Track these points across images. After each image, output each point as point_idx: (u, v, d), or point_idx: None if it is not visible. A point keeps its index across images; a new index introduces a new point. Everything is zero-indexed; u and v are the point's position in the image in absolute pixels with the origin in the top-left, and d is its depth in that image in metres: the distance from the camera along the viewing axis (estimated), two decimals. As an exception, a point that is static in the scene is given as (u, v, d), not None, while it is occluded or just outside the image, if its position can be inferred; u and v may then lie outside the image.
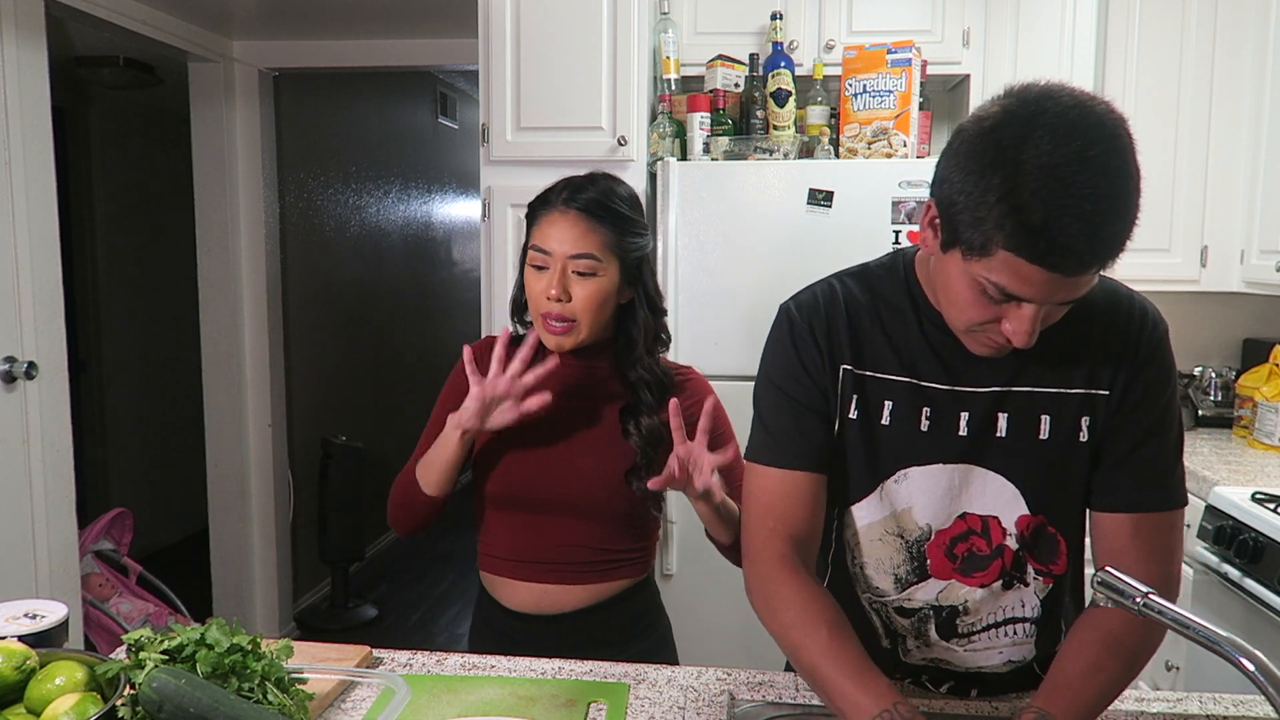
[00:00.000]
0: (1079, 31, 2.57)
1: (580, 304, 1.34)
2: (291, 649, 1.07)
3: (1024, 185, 0.81)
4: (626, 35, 2.44)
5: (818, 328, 1.07)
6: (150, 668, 0.96)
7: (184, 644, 1.00)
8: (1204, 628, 0.78)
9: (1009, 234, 0.83)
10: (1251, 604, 1.91)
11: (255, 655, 1.02)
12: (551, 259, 1.34)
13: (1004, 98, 0.88)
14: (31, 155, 2.47)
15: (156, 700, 0.92)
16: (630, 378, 1.41)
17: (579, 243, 1.33)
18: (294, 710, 1.01)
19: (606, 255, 1.35)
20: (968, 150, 0.86)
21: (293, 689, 1.03)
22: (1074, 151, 0.81)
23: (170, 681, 0.93)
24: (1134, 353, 1.02)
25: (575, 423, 1.41)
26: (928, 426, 1.05)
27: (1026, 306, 0.89)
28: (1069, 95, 0.85)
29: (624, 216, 1.37)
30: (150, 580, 3.07)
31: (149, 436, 4.81)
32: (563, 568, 1.40)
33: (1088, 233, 0.81)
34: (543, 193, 1.39)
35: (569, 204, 1.35)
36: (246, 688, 1.00)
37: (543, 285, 1.34)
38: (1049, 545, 1.08)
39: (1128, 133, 0.84)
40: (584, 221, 1.34)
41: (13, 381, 2.42)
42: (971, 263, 0.88)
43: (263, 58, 3.53)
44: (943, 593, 1.10)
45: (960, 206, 0.86)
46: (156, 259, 4.80)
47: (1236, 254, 2.63)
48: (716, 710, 1.12)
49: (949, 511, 1.07)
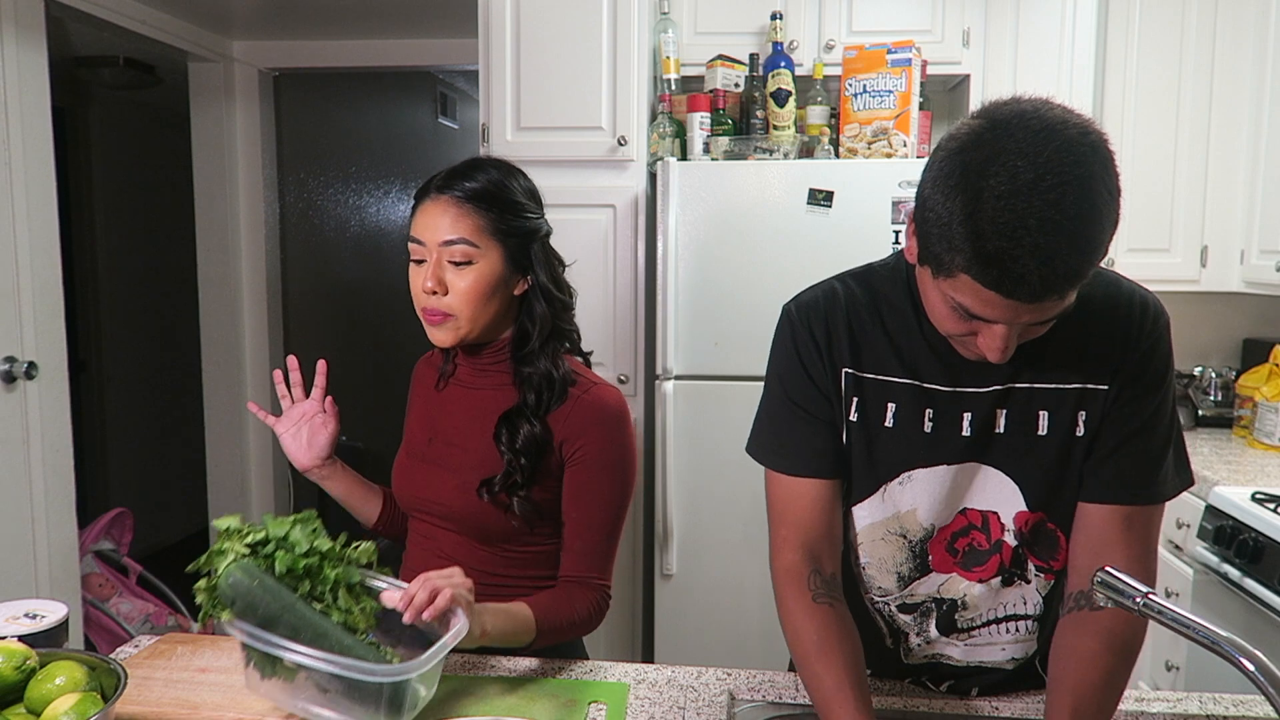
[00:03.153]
0: (1079, 31, 2.57)
1: (458, 296, 1.25)
2: (374, 552, 1.10)
3: (982, 213, 0.81)
4: (626, 35, 2.44)
5: (818, 331, 1.08)
6: (231, 559, 1.02)
7: (267, 539, 1.05)
8: (1204, 628, 0.78)
9: (967, 259, 0.83)
10: (1251, 604, 1.91)
11: (333, 561, 1.06)
12: (425, 249, 1.26)
13: (978, 116, 0.88)
14: (31, 155, 2.47)
15: (231, 595, 1.00)
16: (522, 374, 1.30)
17: (451, 228, 1.24)
18: (359, 618, 1.05)
19: (484, 240, 1.25)
20: (939, 169, 0.87)
21: (363, 599, 1.06)
22: (1030, 182, 0.80)
23: (244, 580, 0.99)
24: (1134, 346, 1.02)
25: (464, 425, 1.33)
26: (931, 428, 1.05)
27: (996, 325, 0.89)
28: (1038, 119, 0.83)
29: (501, 198, 1.27)
30: (150, 580, 3.07)
31: (149, 436, 4.80)
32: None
33: (1039, 265, 0.81)
34: (422, 186, 1.32)
35: (441, 190, 1.26)
36: (319, 591, 1.04)
37: (419, 278, 1.26)
38: (1049, 542, 1.08)
39: (1101, 156, 0.83)
40: (455, 206, 1.25)
41: (13, 381, 2.42)
42: (940, 280, 0.89)
43: (263, 58, 3.53)
44: (944, 586, 1.11)
45: (930, 224, 0.87)
46: (156, 259, 4.80)
47: (1236, 254, 2.63)
48: (716, 710, 1.12)
49: (951, 509, 1.08)
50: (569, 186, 2.50)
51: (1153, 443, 1.03)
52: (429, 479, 1.33)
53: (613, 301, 2.53)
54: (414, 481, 1.36)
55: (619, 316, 2.53)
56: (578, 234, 2.49)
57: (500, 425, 1.28)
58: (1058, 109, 0.85)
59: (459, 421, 1.34)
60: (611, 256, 2.52)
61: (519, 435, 1.26)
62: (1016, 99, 0.88)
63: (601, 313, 2.52)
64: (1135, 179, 2.65)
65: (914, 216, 0.92)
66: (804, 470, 1.08)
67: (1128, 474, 1.02)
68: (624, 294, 2.52)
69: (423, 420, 1.39)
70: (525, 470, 1.25)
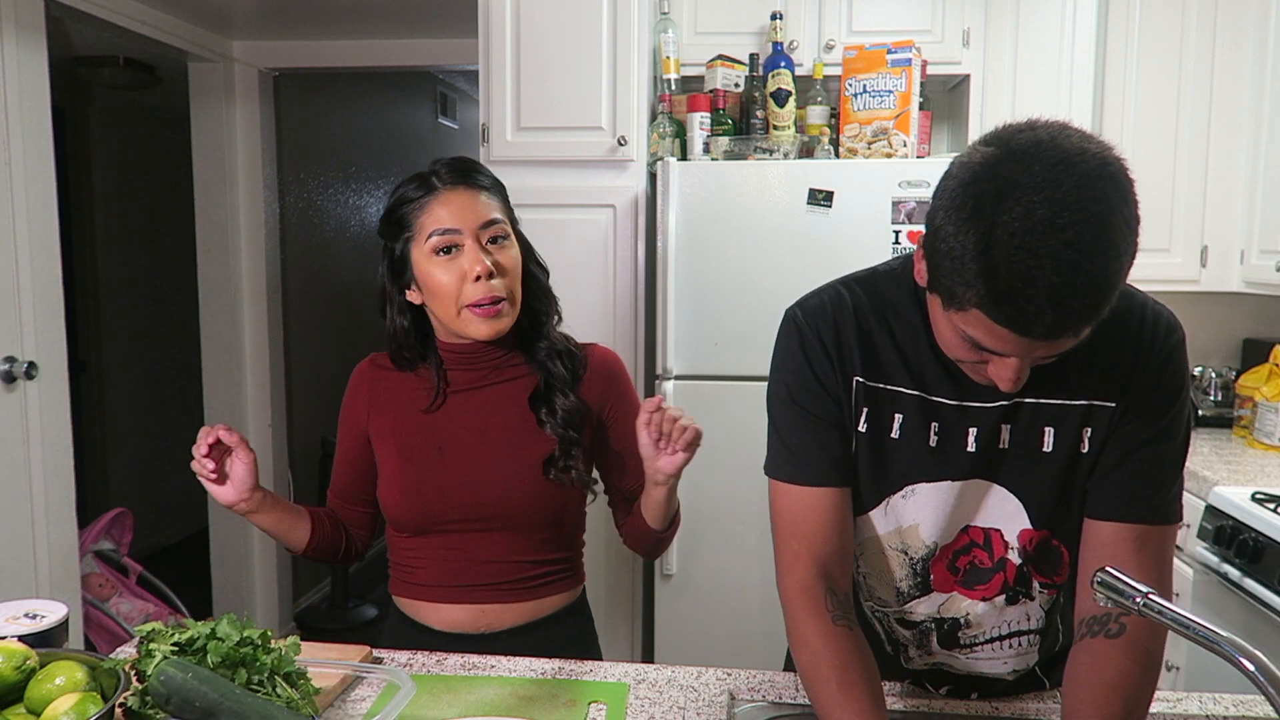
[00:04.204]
0: (1079, 31, 2.57)
1: (510, 275, 1.24)
2: (299, 646, 1.07)
3: (995, 250, 0.78)
4: (626, 35, 2.44)
5: (827, 337, 1.04)
6: (159, 659, 0.97)
7: (195, 637, 1.01)
8: (1204, 628, 0.77)
9: (980, 296, 0.81)
10: (1251, 604, 1.91)
11: (265, 649, 1.02)
12: (460, 236, 1.21)
13: (991, 142, 0.84)
14: (31, 155, 2.47)
15: (164, 692, 0.94)
16: (539, 354, 1.30)
17: (481, 209, 1.22)
18: (301, 704, 1.01)
19: (509, 222, 1.28)
20: (951, 198, 0.83)
21: (300, 683, 1.03)
22: (1045, 219, 0.77)
23: (177, 675, 0.94)
24: (1145, 362, 0.98)
25: (480, 424, 1.30)
26: (936, 442, 1.02)
27: (1008, 358, 0.87)
28: (1055, 150, 0.80)
29: (504, 189, 1.31)
30: (150, 580, 3.07)
31: (149, 436, 4.80)
32: (492, 588, 1.31)
33: (1054, 306, 0.78)
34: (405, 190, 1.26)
35: (456, 182, 1.24)
36: (255, 680, 1.00)
37: (462, 268, 1.21)
38: (1053, 559, 1.06)
39: (1121, 188, 0.80)
40: (479, 192, 1.24)
41: (13, 381, 2.42)
42: (951, 312, 0.86)
43: (263, 58, 3.53)
44: (944, 605, 1.09)
45: (941, 255, 0.84)
46: (156, 259, 4.80)
47: (1236, 254, 2.63)
48: (716, 710, 1.11)
49: (954, 526, 1.05)
50: (569, 186, 2.50)
51: (1165, 460, 1.00)
52: (460, 485, 1.29)
53: (612, 301, 2.53)
54: (440, 493, 1.29)
55: (619, 316, 2.53)
56: (578, 234, 2.49)
57: (538, 406, 1.29)
58: (1075, 136, 0.82)
59: (474, 422, 1.31)
60: (611, 256, 2.52)
61: (558, 410, 1.27)
62: (1033, 123, 0.84)
63: (601, 312, 2.52)
64: (1135, 179, 2.65)
65: (923, 243, 0.89)
66: (816, 479, 1.03)
67: (1137, 491, 0.99)
68: (624, 294, 2.52)
69: (418, 433, 1.32)
70: (577, 442, 1.29)
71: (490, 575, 1.31)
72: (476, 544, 1.30)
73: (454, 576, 1.32)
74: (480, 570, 1.31)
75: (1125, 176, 0.82)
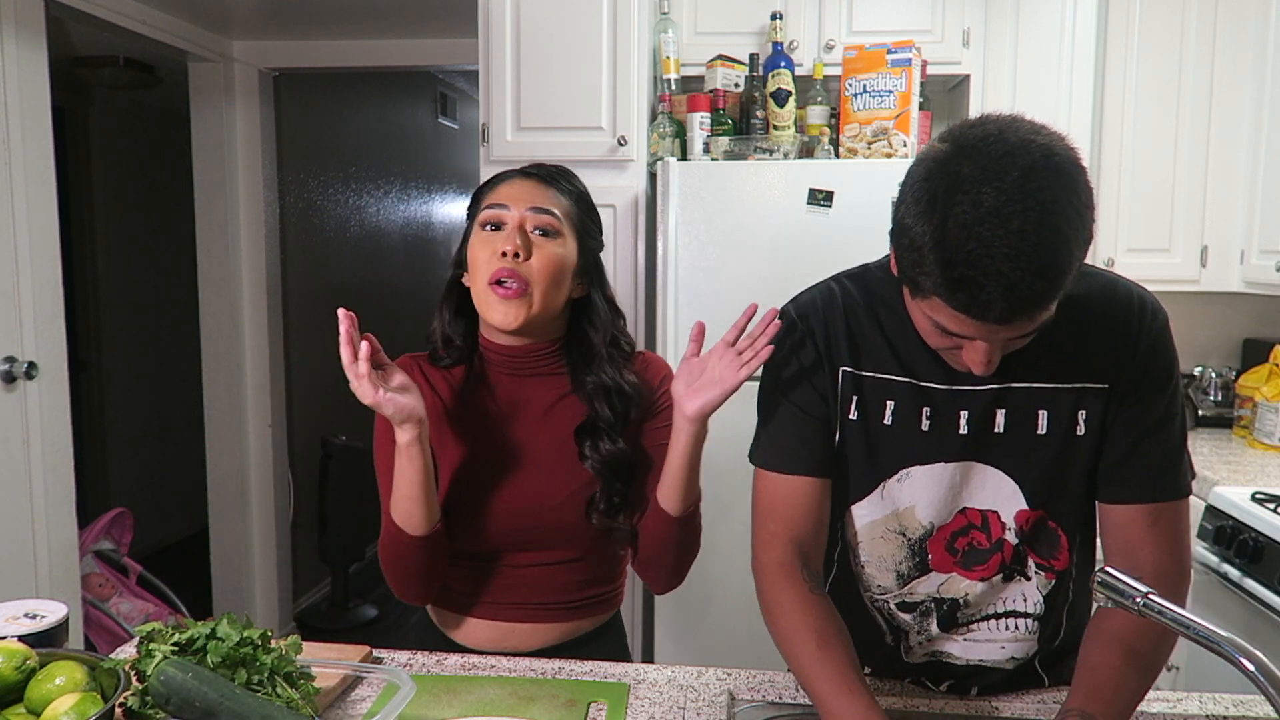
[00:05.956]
0: (1079, 31, 2.57)
1: (538, 267, 1.18)
2: (300, 645, 1.07)
3: (948, 240, 0.83)
4: (626, 35, 2.44)
5: (816, 331, 1.09)
6: (159, 659, 0.97)
7: (195, 637, 1.01)
8: (1204, 628, 0.78)
9: (936, 283, 0.86)
10: (1251, 604, 1.91)
11: (265, 649, 1.03)
12: (508, 213, 1.20)
13: (946, 139, 0.89)
14: (31, 155, 2.47)
15: (164, 693, 0.94)
16: (585, 387, 1.24)
17: (543, 199, 1.21)
18: (301, 704, 1.01)
19: (567, 226, 1.22)
20: (910, 193, 0.89)
21: (300, 683, 1.04)
22: (992, 209, 0.81)
23: (177, 675, 0.94)
24: (1135, 346, 1.02)
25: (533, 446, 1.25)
26: (928, 426, 1.06)
27: (976, 341, 0.91)
28: (1001, 143, 0.84)
29: (589, 203, 1.28)
30: (150, 580, 3.07)
31: (149, 436, 4.80)
32: (523, 607, 1.28)
33: (1004, 292, 0.82)
34: (490, 177, 1.29)
35: (531, 173, 1.25)
36: (255, 680, 1.00)
37: (495, 244, 1.19)
38: (1049, 540, 1.09)
39: (1066, 177, 0.83)
40: (549, 186, 1.24)
41: (13, 381, 2.42)
42: (917, 300, 0.92)
43: (263, 58, 3.53)
44: (944, 585, 1.11)
45: (904, 246, 0.89)
46: (156, 259, 4.80)
47: (1236, 254, 2.63)
48: (716, 710, 1.12)
49: (950, 508, 1.08)
50: (569, 186, 2.50)
51: (1169, 439, 1.04)
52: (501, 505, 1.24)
53: (613, 301, 2.52)
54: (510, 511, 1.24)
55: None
56: (578, 234, 2.49)
57: (582, 439, 1.23)
58: (1024, 128, 0.86)
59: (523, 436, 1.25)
60: (611, 256, 2.52)
61: (603, 453, 1.21)
62: (985, 118, 0.89)
63: (601, 313, 2.52)
64: (1135, 179, 2.65)
65: (891, 236, 0.94)
66: (797, 468, 1.09)
67: (1148, 472, 1.03)
68: (624, 294, 2.52)
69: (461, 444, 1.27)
70: (621, 492, 1.23)
71: (524, 596, 1.28)
72: (514, 563, 1.28)
73: (488, 595, 1.29)
74: (515, 591, 1.28)
75: (1073, 165, 0.85)
